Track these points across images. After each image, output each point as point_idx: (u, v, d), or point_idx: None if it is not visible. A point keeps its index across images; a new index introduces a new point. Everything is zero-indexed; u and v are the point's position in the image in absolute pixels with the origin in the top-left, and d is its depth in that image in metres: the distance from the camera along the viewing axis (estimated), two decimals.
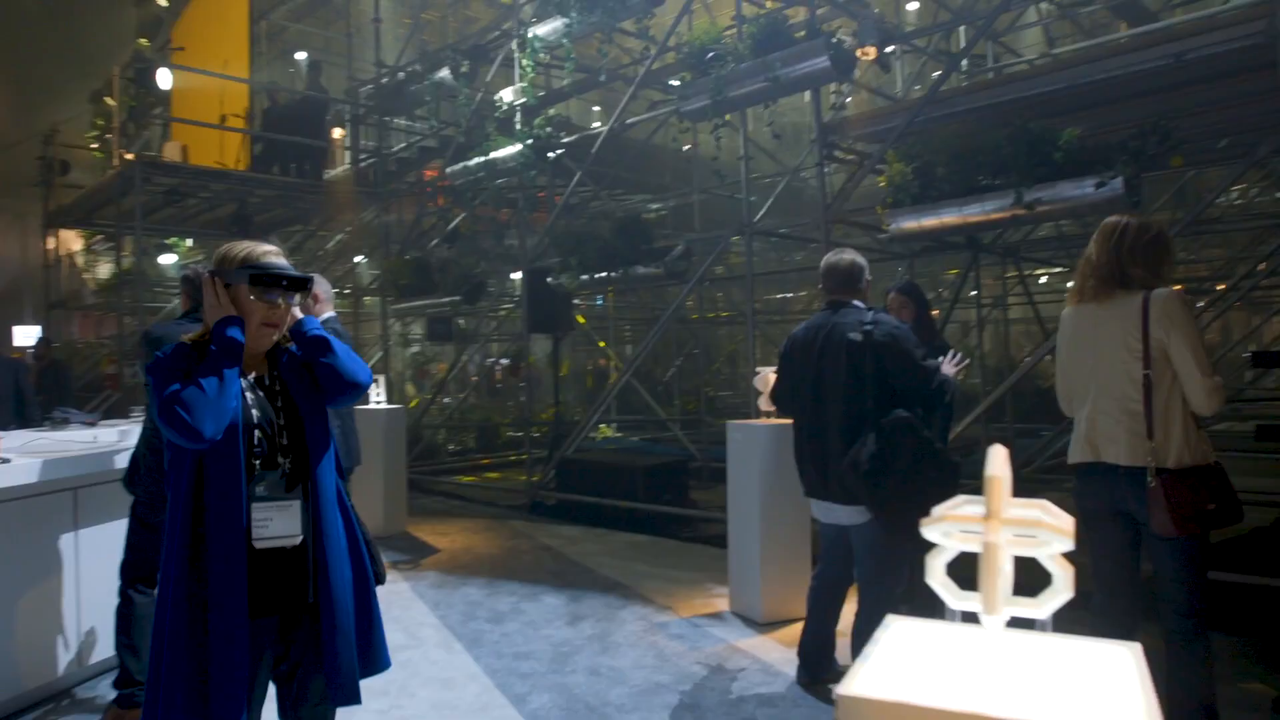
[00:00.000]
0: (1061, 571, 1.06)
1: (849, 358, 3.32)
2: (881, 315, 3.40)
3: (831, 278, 3.55)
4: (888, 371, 3.25)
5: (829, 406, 3.36)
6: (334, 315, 4.55)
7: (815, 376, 3.46)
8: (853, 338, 3.32)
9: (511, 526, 7.55)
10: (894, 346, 3.26)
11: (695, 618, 4.85)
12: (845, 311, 3.45)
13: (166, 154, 10.19)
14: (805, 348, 3.52)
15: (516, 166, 7.56)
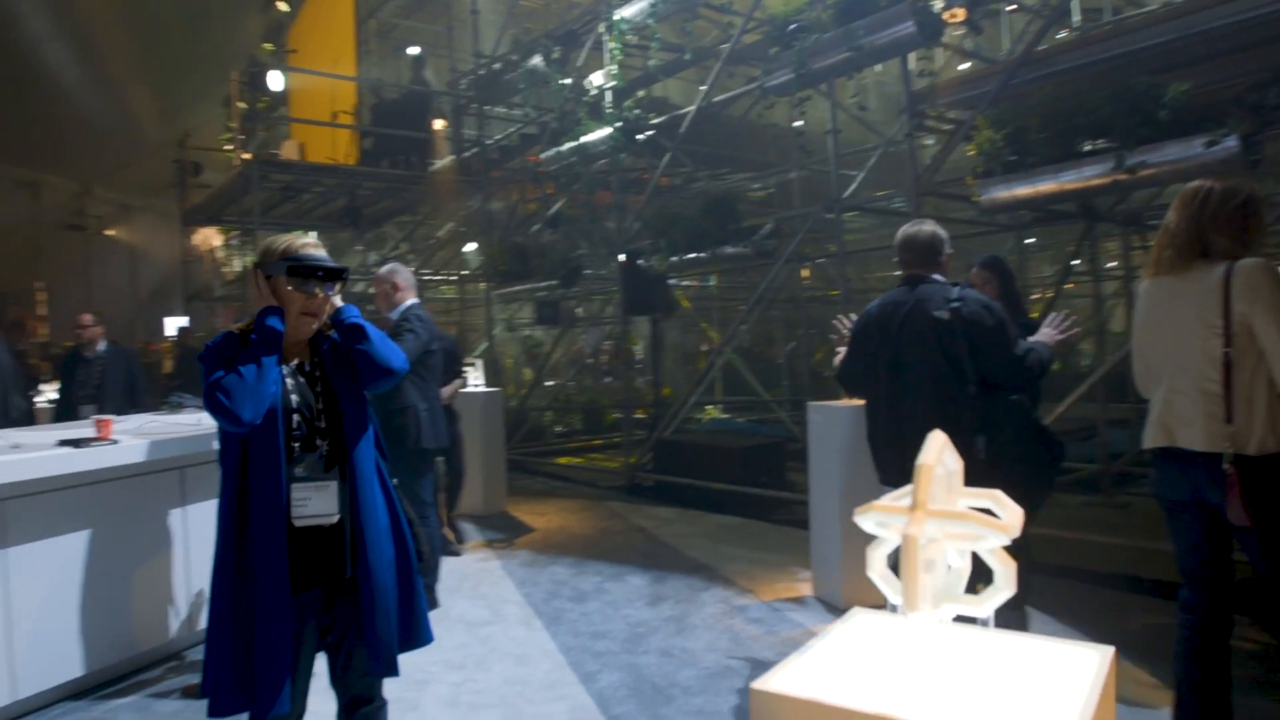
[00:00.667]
0: (1002, 568, 0.99)
1: (936, 337, 3.10)
2: (968, 291, 3.18)
3: (909, 250, 3.31)
4: (977, 351, 3.04)
5: (911, 388, 3.15)
6: (416, 302, 4.70)
7: (894, 357, 3.24)
8: (939, 315, 3.09)
9: (608, 507, 7.65)
10: (984, 324, 3.04)
11: (776, 601, 4.79)
12: (926, 287, 3.22)
13: (285, 152, 10.77)
14: (881, 326, 3.30)
15: (607, 150, 7.60)
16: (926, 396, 3.14)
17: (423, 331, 4.66)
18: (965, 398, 3.04)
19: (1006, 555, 1.01)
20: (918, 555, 0.98)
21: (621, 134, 7.42)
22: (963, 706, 0.89)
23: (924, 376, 3.15)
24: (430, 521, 4.73)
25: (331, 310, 2.35)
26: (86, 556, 3.68)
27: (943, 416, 3.05)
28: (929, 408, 3.11)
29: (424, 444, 4.69)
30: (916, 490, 1.01)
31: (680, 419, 8.94)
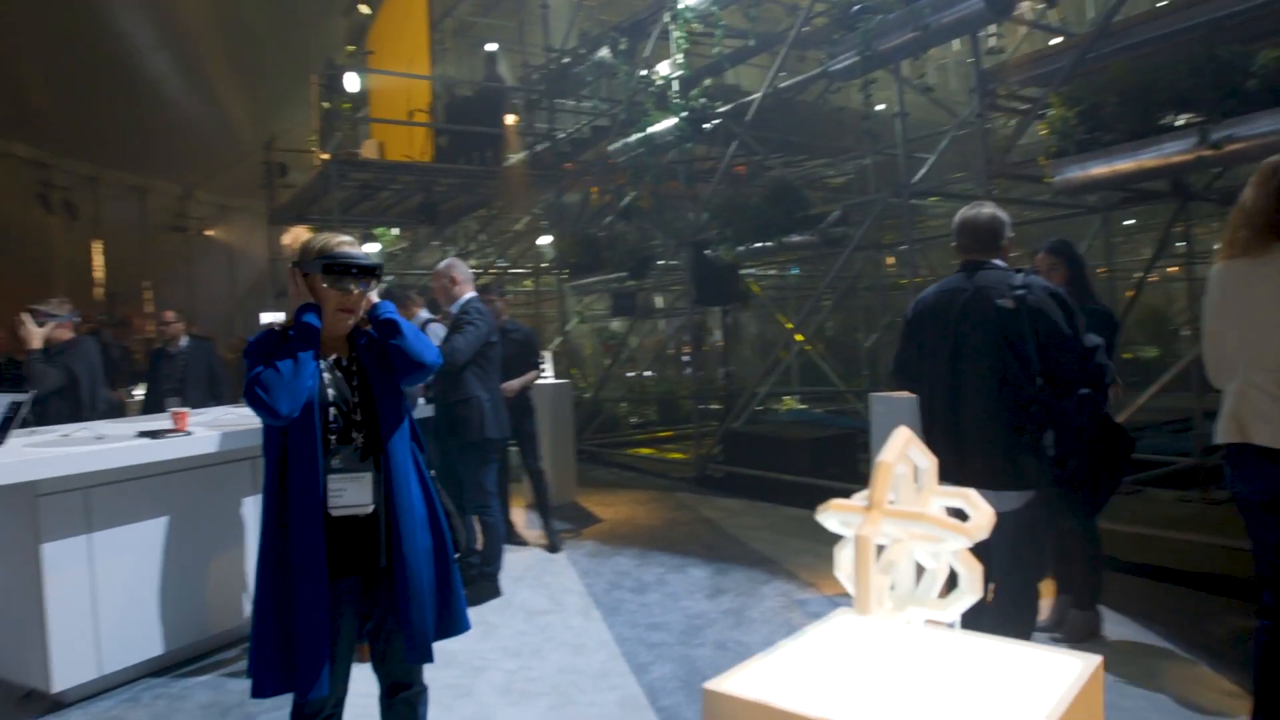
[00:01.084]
0: (967, 571, 0.94)
1: (999, 327, 2.91)
2: (1033, 278, 2.96)
3: (967, 234, 3.11)
4: (1042, 342, 2.85)
5: (970, 382, 2.97)
6: (474, 296, 4.78)
7: (953, 348, 3.04)
8: (1002, 304, 2.90)
9: (676, 499, 7.65)
10: (1051, 314, 2.84)
11: (838, 596, 4.70)
12: (986, 274, 3.01)
13: (365, 151, 11.07)
14: (938, 314, 3.10)
15: (673, 140, 7.56)
16: (988, 391, 2.96)
17: (482, 324, 4.74)
18: (1031, 392, 2.87)
19: (972, 559, 0.95)
20: (869, 556, 0.94)
21: (687, 124, 7.37)
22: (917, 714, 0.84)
23: (985, 369, 2.98)
24: (493, 511, 4.81)
25: (368, 306, 2.40)
26: (164, 542, 3.88)
27: (1006, 412, 2.91)
28: (991, 403, 2.95)
29: (488, 434, 4.77)
30: (872, 489, 0.97)
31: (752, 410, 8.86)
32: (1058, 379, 2.88)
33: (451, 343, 4.61)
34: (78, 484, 3.57)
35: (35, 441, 3.82)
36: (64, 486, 3.54)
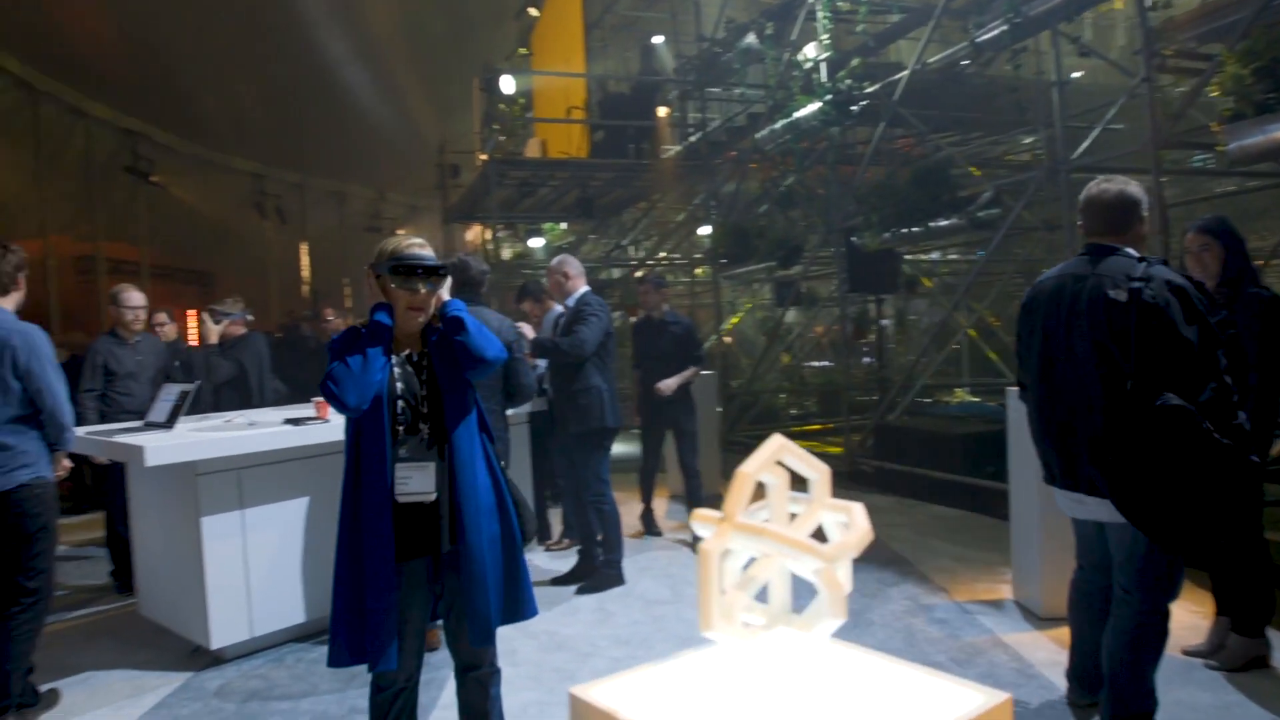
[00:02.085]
0: (826, 591, 0.86)
1: (1109, 321, 2.59)
2: (1158, 268, 2.59)
3: (1091, 215, 2.80)
4: (1149, 345, 2.51)
5: (1077, 378, 2.70)
6: (588, 290, 4.87)
7: (1065, 340, 2.76)
8: (1114, 296, 2.58)
9: None
10: (1167, 313, 2.48)
11: (969, 603, 4.43)
12: (1110, 260, 2.69)
13: (528, 150, 11.51)
14: (1053, 302, 2.81)
15: (819, 125, 7.33)
16: (1091, 392, 2.67)
17: (603, 315, 4.83)
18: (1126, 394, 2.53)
19: (834, 580, 0.88)
20: (711, 570, 0.89)
21: (833, 107, 7.12)
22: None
23: (1089, 368, 2.68)
24: (609, 500, 4.89)
25: (438, 305, 2.51)
26: (306, 519, 4.23)
27: (1110, 419, 2.61)
28: (1094, 402, 2.66)
29: (607, 423, 4.85)
30: (727, 500, 0.91)
31: (917, 402, 8.48)
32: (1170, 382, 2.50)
33: (578, 334, 4.71)
34: (231, 465, 3.96)
35: (199, 426, 4.28)
36: (219, 467, 3.94)
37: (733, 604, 0.93)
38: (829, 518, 0.95)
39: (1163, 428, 2.41)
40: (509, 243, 15.56)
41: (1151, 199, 3.12)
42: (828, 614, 0.90)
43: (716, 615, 0.91)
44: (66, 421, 3.44)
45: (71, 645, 4.36)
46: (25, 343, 3.33)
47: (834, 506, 0.95)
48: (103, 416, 5.03)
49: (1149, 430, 2.43)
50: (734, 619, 0.93)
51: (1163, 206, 4.77)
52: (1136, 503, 2.50)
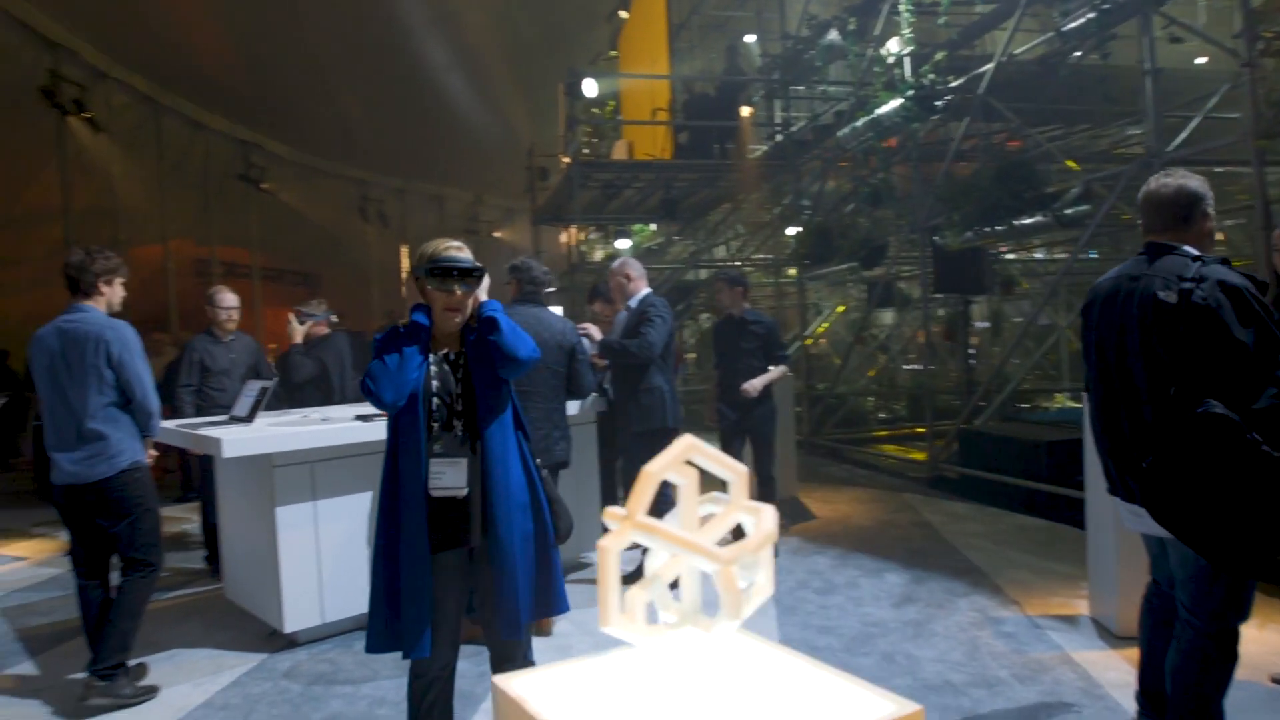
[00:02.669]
0: (725, 594, 0.86)
1: (1157, 324, 2.46)
2: (1212, 268, 2.43)
3: (1149, 211, 2.65)
4: (1198, 349, 2.36)
5: (1129, 383, 2.59)
6: (649, 291, 4.89)
7: (1118, 344, 2.62)
8: (1163, 298, 2.44)
9: (902, 500, 7.27)
10: (1220, 315, 2.32)
11: (1041, 617, 4.24)
12: (1166, 260, 2.54)
13: (616, 152, 11.62)
14: (1108, 304, 2.68)
15: (900, 121, 7.13)
16: (1139, 398, 2.53)
17: (668, 316, 4.86)
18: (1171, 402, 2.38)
19: (729, 580, 0.87)
20: (608, 567, 0.89)
21: (915, 103, 6.92)
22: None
23: (1137, 373, 2.53)
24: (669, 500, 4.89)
25: (476, 305, 2.58)
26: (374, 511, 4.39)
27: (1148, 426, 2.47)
28: (1143, 410, 2.51)
29: (669, 423, 4.86)
30: (630, 499, 0.91)
31: (1000, 406, 8.18)
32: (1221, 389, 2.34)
33: (646, 336, 4.73)
34: (305, 458, 4.16)
35: (277, 421, 4.50)
36: (294, 460, 4.14)
37: (633, 601, 0.94)
38: (747, 520, 0.94)
39: (1202, 437, 2.26)
40: (600, 244, 15.76)
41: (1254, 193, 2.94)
42: (727, 616, 0.90)
43: (613, 612, 0.92)
44: (154, 409, 3.72)
45: (164, 624, 4.65)
46: (117, 336, 3.61)
47: (748, 509, 0.95)
48: (198, 410, 5.35)
49: (1188, 439, 2.29)
50: (635, 616, 0.94)
51: (1265, 201, 4.46)
52: (1177, 516, 2.36)
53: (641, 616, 0.97)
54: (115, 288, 3.81)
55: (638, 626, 0.96)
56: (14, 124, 10.68)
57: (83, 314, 3.67)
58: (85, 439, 3.58)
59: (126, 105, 13.12)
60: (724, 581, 0.92)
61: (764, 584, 1.03)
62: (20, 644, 4.52)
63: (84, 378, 3.57)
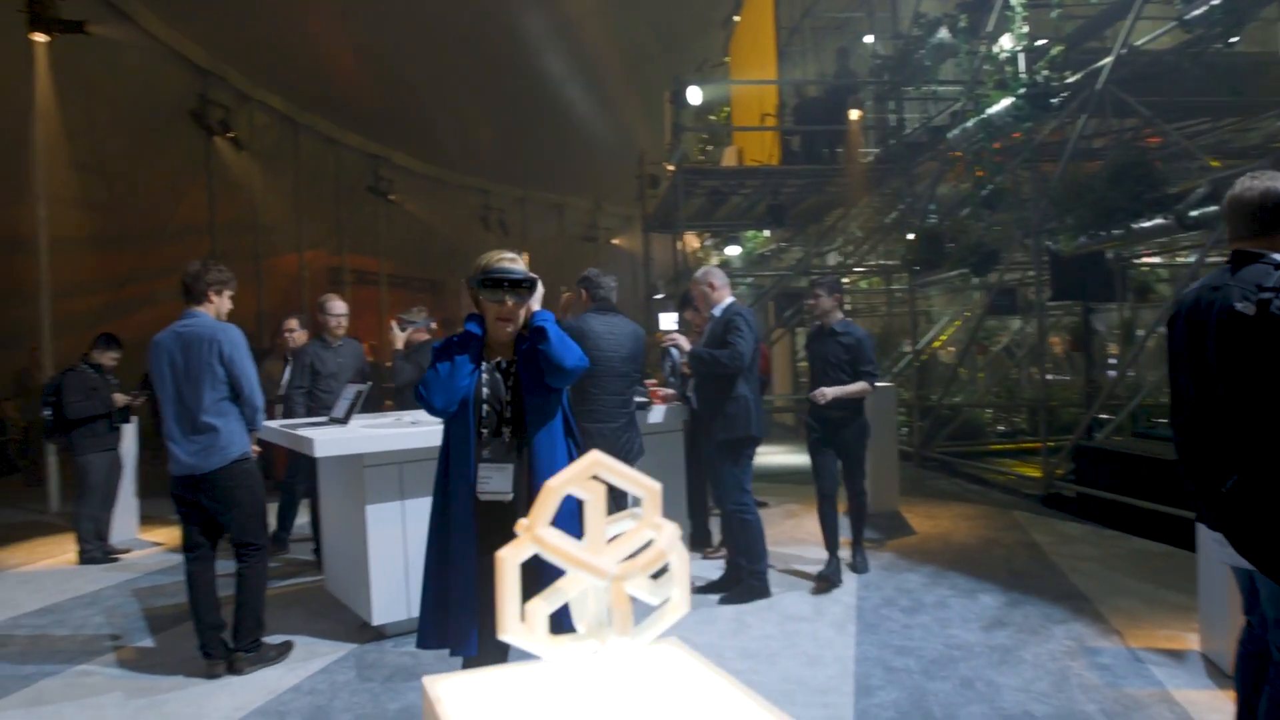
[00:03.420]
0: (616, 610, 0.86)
1: (1235, 338, 2.28)
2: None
3: (1234, 217, 2.44)
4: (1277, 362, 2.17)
5: (1208, 403, 2.38)
6: (732, 301, 4.85)
7: (1198, 359, 2.42)
8: (1241, 309, 2.25)
9: (1011, 518, 6.93)
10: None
11: (1144, 650, 3.96)
12: (1249, 269, 2.33)
13: (725, 158, 11.62)
14: (1191, 317, 2.48)
15: (1011, 121, 6.80)
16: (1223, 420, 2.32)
17: (754, 325, 4.81)
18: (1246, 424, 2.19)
19: (620, 597, 0.87)
20: (506, 577, 0.92)
21: (1027, 101, 6.58)
22: None
23: (1212, 391, 2.33)
24: (751, 509, 4.84)
25: (528, 315, 2.64)
26: None
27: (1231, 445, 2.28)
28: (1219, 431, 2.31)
29: (752, 431, 4.82)
30: (532, 511, 0.95)
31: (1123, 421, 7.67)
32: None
33: (735, 347, 4.69)
34: (394, 459, 4.35)
35: (371, 423, 4.73)
36: (383, 460, 4.34)
37: (534, 612, 0.97)
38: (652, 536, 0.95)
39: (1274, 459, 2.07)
40: (714, 251, 15.76)
41: None
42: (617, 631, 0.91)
43: (509, 621, 0.95)
44: (259, 404, 4.06)
45: (269, 611, 4.93)
46: (227, 338, 3.94)
47: (654, 525, 0.95)
48: (308, 411, 5.68)
49: (1269, 462, 2.10)
50: (534, 626, 0.97)
51: None
52: (1260, 545, 2.16)
53: (542, 627, 0.99)
54: (224, 298, 4.12)
55: (537, 637, 0.98)
56: (168, 145, 11.67)
57: (195, 319, 4.00)
58: (199, 431, 3.91)
59: (267, 125, 14.09)
60: (614, 598, 0.93)
61: (678, 601, 1.02)
62: (145, 621, 4.93)
63: (199, 376, 3.90)
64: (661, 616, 1.04)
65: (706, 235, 15.92)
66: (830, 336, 5.26)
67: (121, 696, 3.83)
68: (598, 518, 1.00)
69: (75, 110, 9.48)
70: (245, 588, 4.04)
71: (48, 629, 4.86)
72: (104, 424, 6.26)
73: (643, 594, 1.04)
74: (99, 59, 9.73)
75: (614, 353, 4.36)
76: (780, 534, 6.51)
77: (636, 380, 4.46)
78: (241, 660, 4.02)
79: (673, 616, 1.04)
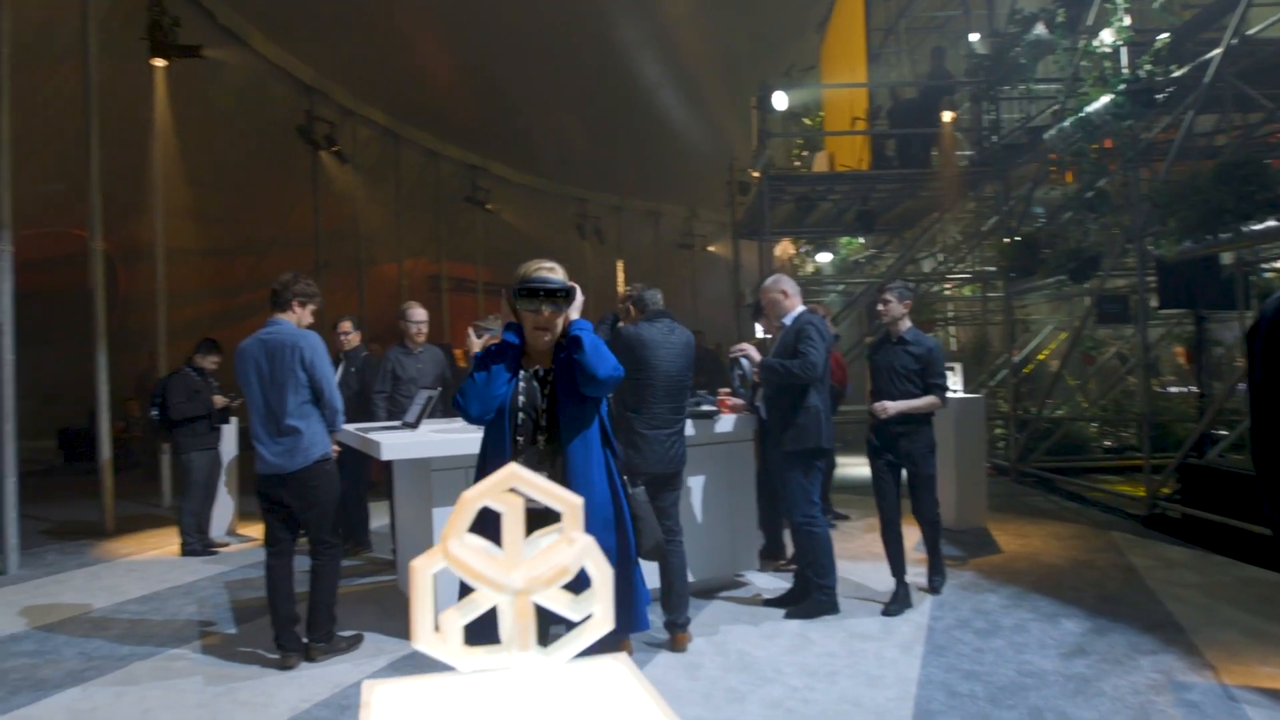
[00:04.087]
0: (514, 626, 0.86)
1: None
2: None
3: None
4: None
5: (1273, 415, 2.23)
6: (803, 310, 4.75)
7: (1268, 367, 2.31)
8: None
9: (1108, 539, 6.55)
10: None
11: (1239, 688, 3.67)
12: None
13: (817, 164, 11.42)
14: (1273, 328, 2.38)
15: (1110, 120, 6.42)
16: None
17: (827, 334, 4.71)
18: None
19: (522, 609, 0.88)
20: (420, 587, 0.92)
21: (1127, 98, 6.21)
22: None
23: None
24: (819, 522, 4.73)
25: (566, 324, 2.65)
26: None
27: None
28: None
29: (822, 443, 4.71)
30: (448, 524, 0.95)
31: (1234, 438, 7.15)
32: None
33: (808, 357, 4.58)
34: (459, 463, 4.45)
35: (440, 428, 4.85)
36: (450, 465, 4.44)
37: (446, 623, 0.98)
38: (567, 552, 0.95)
39: None
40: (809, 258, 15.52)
41: None
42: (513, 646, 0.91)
43: (420, 632, 0.96)
44: (339, 407, 4.26)
45: (344, 607, 5.11)
46: (309, 344, 4.14)
47: (569, 540, 0.95)
48: (390, 415, 5.88)
49: None
50: (447, 637, 0.97)
51: None
52: None
53: (455, 638, 0.99)
54: (306, 311, 4.32)
55: (449, 647, 0.99)
56: (276, 160, 12.31)
57: (278, 326, 4.20)
58: (284, 434, 4.11)
59: (370, 139, 14.67)
60: (515, 612, 0.94)
61: (600, 618, 1.01)
62: (231, 612, 5.19)
63: (283, 381, 4.09)
64: (581, 633, 1.02)
65: (802, 241, 15.68)
66: (897, 345, 4.96)
67: (201, 682, 4.04)
68: (515, 531, 0.99)
69: (190, 128, 10.12)
70: (319, 583, 4.23)
71: (146, 615, 5.17)
72: (204, 424, 6.63)
73: (562, 609, 1.03)
74: (213, 79, 10.37)
75: (667, 360, 4.34)
76: (859, 548, 6.33)
77: (689, 387, 4.44)
78: (315, 649, 4.21)
79: (593, 634, 1.02)
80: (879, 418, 4.89)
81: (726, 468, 5.39)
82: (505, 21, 13.89)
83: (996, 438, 11.03)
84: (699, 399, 5.41)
